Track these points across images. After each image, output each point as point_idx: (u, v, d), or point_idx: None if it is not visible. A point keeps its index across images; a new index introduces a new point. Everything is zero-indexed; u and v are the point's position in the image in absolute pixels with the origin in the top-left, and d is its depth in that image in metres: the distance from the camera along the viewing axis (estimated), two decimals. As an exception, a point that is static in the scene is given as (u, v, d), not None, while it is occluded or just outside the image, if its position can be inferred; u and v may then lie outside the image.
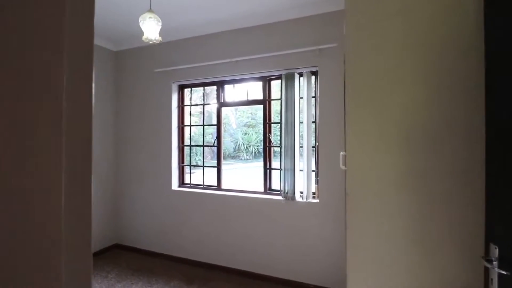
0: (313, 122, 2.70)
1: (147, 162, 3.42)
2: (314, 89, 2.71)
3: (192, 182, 3.31)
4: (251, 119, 12.17)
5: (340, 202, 2.46)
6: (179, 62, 3.15)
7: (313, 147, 2.69)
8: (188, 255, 3.13)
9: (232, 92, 3.11)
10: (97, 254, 3.34)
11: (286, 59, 2.68)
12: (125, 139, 3.56)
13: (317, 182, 2.66)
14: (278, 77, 2.86)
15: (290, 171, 2.66)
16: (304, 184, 2.62)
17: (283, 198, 2.69)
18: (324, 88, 2.55)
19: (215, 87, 3.19)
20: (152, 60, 3.35)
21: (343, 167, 1.56)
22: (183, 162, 3.39)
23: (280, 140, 2.82)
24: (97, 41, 3.33)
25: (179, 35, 3.14)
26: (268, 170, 2.95)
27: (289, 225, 2.67)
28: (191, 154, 3.50)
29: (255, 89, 3.12)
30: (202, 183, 3.23)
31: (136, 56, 3.49)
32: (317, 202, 2.58)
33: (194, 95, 3.44)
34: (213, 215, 3.01)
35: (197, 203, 3.10)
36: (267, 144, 2.95)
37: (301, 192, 2.68)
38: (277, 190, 2.89)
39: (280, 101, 2.80)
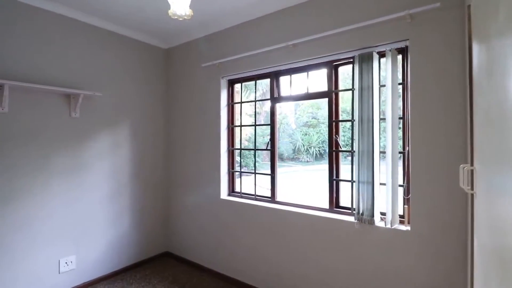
0: (400, 118, 1.96)
1: (195, 167, 3.11)
2: (402, 73, 1.98)
3: (243, 191, 2.87)
4: (312, 118, 11.37)
5: (448, 236, 1.69)
6: (227, 53, 2.74)
7: (400, 153, 1.96)
8: (239, 276, 2.70)
9: (289, 85, 2.55)
10: (148, 262, 3.17)
11: (360, 34, 2.01)
12: (174, 143, 3.34)
13: (406, 201, 1.92)
14: (349, 61, 2.20)
15: (366, 185, 1.98)
16: (388, 204, 1.91)
17: (356, 220, 2.02)
18: (420, 71, 1.80)
19: (268, 80, 2.68)
20: (200, 54, 3.03)
21: (466, 188, 1.13)
22: (233, 168, 2.98)
23: (352, 143, 2.15)
24: (149, 39, 3.17)
25: (226, 23, 2.73)
26: (334, 182, 2.31)
27: (365, 260, 1.99)
28: (254, 159, 3.05)
29: (317, 79, 2.51)
30: (253, 193, 2.76)
31: (184, 52, 3.22)
32: (407, 231, 1.84)
33: (250, 95, 2.99)
34: (267, 233, 2.51)
35: (248, 216, 2.64)
36: (333, 147, 2.31)
37: (383, 214, 1.97)
38: (348, 208, 2.23)
39: (351, 92, 2.14)
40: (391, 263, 1.89)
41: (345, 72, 2.38)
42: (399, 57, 1.97)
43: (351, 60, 2.15)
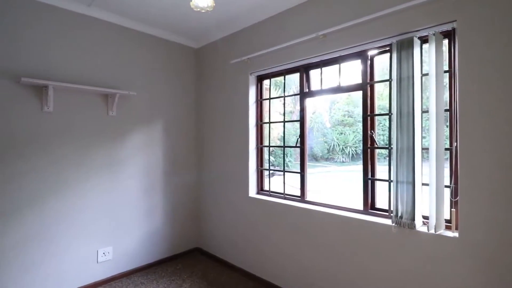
0: (446, 110, 1.74)
1: (224, 164, 3.11)
2: (449, 59, 1.75)
3: (272, 190, 2.80)
4: (348, 116, 10.87)
5: (508, 246, 1.45)
6: (256, 49, 2.69)
7: (447, 149, 1.74)
8: (267, 276, 2.63)
9: (319, 79, 2.42)
10: (179, 257, 3.24)
11: (398, 18, 1.83)
12: (204, 141, 3.37)
13: (454, 204, 1.70)
14: (386, 50, 2.02)
15: (406, 185, 1.79)
16: (431, 206, 1.70)
17: (393, 224, 1.84)
18: (471, 55, 1.57)
19: (297, 76, 2.57)
20: (228, 51, 3.02)
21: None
22: (261, 166, 2.92)
23: (390, 138, 1.97)
24: (180, 39, 3.24)
25: (254, 18, 2.68)
26: (370, 181, 2.13)
27: (403, 267, 1.80)
28: (283, 157, 2.99)
29: (350, 71, 2.34)
30: (282, 192, 2.67)
31: (213, 50, 3.24)
32: (455, 238, 1.62)
33: (281, 93, 2.92)
34: (296, 233, 2.41)
35: (277, 216, 2.56)
36: (368, 144, 2.14)
37: (425, 218, 1.77)
38: (384, 210, 2.04)
39: (389, 82, 1.96)
40: (434, 273, 1.67)
41: (381, 62, 2.19)
42: (446, 41, 1.75)
43: (388, 48, 1.97)
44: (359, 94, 2.16)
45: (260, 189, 2.91)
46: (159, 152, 3.08)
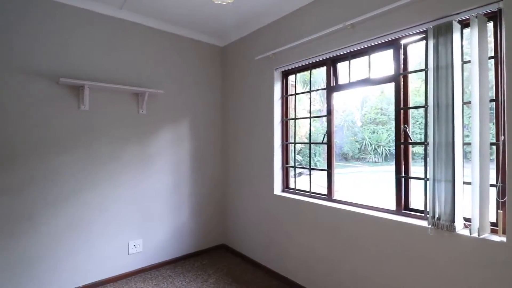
0: (492, 101, 1.56)
1: (248, 161, 3.10)
2: (494, 44, 1.57)
3: (298, 188, 2.73)
4: (381, 114, 10.34)
5: None
6: (281, 43, 2.64)
7: (492, 144, 1.56)
8: (292, 275, 2.57)
9: (347, 72, 2.31)
10: (205, 252, 3.29)
11: (434, 1, 1.67)
12: (229, 138, 3.39)
13: (500, 205, 1.51)
14: (421, 37, 1.86)
15: (444, 184, 1.63)
16: (474, 207, 1.53)
17: (430, 226, 1.69)
18: (521, 36, 1.39)
19: (324, 69, 2.48)
20: (253, 47, 3.00)
21: None
22: (287, 163, 2.86)
23: (426, 133, 1.82)
24: (206, 38, 3.29)
25: (278, 13, 2.63)
26: (403, 180, 1.98)
27: (441, 273, 1.64)
28: (309, 154, 2.92)
29: (381, 63, 2.21)
30: (308, 190, 2.59)
31: (238, 47, 3.24)
32: (502, 242, 1.44)
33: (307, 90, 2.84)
34: (322, 232, 2.32)
35: (303, 214, 2.49)
36: (401, 140, 1.99)
37: (467, 220, 1.60)
38: (419, 211, 1.89)
39: (424, 73, 1.81)
40: (476, 282, 1.51)
41: (417, 50, 2.03)
42: (490, 24, 1.57)
43: (423, 35, 1.82)
44: (392, 89, 2.02)
45: (286, 187, 2.85)
46: (185, 149, 3.15)
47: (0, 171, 2.10)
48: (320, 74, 2.61)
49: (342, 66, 2.39)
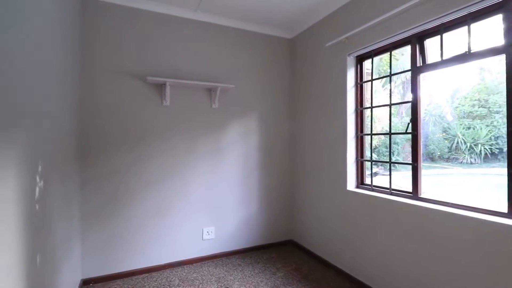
0: None
1: (318, 155, 2.95)
2: None
3: (375, 184, 2.46)
4: (479, 107, 8.64)
5: None
6: (354, 25, 2.42)
7: None
8: (369, 280, 2.33)
9: (438, 48, 1.96)
10: (272, 246, 3.28)
11: None
12: (298, 131, 3.29)
13: None
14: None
15: None
16: None
17: None
18: None
19: (407, 48, 2.17)
20: (323, 35, 2.84)
21: None
22: (362, 157, 2.61)
23: (556, 114, 1.39)
24: (274, 31, 3.28)
25: (355, -10, 2.42)
26: (519, 175, 1.57)
27: None
28: (390, 146, 2.67)
29: (484, 33, 1.80)
30: (388, 187, 2.31)
31: (307, 37, 3.11)
32: None
33: (385, 85, 2.56)
34: (406, 235, 2.03)
35: (382, 214, 2.23)
36: (517, 126, 1.58)
37: None
38: (546, 216, 1.46)
39: (555, 35, 1.38)
40: None
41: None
42: None
43: (555, -13, 1.39)
44: (497, 71, 1.62)
45: (360, 183, 2.61)
46: (254, 142, 3.19)
47: (98, 159, 2.48)
48: (399, 60, 2.29)
49: (431, 43, 2.05)
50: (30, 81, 1.24)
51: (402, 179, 2.48)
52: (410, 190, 2.14)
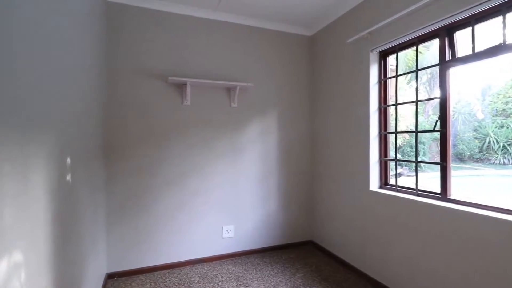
0: None
1: (339, 154, 2.88)
2: None
3: (399, 184, 2.37)
4: (514, 104, 8.06)
5: None
6: (377, 19, 2.34)
7: None
8: (393, 285, 2.24)
9: (469, 41, 1.84)
10: (292, 246, 3.24)
11: None
12: (318, 129, 3.23)
13: None
14: None
15: None
16: None
17: None
18: None
19: (434, 42, 2.06)
20: (344, 31, 2.77)
21: None
22: (385, 156, 2.52)
23: None
24: (293, 29, 3.25)
25: (379, -17, 2.33)
26: None
27: None
28: (417, 145, 2.56)
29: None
30: (414, 187, 2.21)
31: (327, 34, 3.05)
32: None
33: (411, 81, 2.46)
34: (434, 238, 1.93)
35: (406, 215, 2.14)
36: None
37: None
38: None
39: None
40: None
41: None
42: None
43: None
44: None
45: (384, 183, 2.52)
46: (273, 141, 3.17)
47: (122, 156, 2.56)
48: (424, 55, 2.18)
49: (461, 35, 1.93)
50: (65, 80, 1.29)
51: (427, 180, 2.38)
52: (438, 191, 2.03)
